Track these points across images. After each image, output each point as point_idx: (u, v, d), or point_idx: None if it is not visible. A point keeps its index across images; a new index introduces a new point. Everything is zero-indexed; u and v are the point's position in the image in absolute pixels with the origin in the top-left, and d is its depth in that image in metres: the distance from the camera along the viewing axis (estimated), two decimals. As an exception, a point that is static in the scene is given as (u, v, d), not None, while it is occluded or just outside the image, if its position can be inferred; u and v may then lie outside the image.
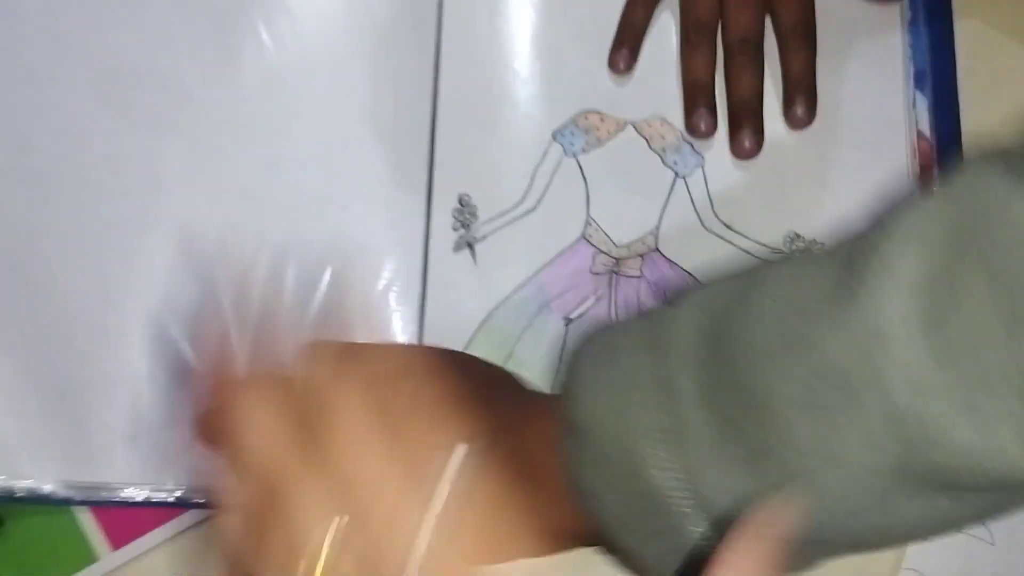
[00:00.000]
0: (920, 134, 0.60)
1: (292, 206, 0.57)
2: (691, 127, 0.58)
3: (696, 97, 0.58)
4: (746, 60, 0.58)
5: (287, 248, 0.56)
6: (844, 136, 0.59)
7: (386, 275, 0.57)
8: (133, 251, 0.56)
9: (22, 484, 0.54)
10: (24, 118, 0.57)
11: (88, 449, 0.54)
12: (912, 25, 0.61)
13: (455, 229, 0.57)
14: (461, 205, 0.58)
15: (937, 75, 0.61)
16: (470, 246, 0.57)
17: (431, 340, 0.56)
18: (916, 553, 0.55)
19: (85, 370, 0.55)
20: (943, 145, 0.60)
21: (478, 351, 0.56)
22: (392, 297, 0.57)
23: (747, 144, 0.57)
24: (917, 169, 0.59)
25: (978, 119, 0.60)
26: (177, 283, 0.55)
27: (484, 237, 0.57)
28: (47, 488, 0.54)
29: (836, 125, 0.59)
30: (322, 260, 0.56)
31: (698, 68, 0.58)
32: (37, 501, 0.54)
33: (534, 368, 0.56)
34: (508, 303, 0.57)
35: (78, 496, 0.54)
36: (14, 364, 0.55)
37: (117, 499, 0.54)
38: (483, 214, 0.57)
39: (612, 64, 0.59)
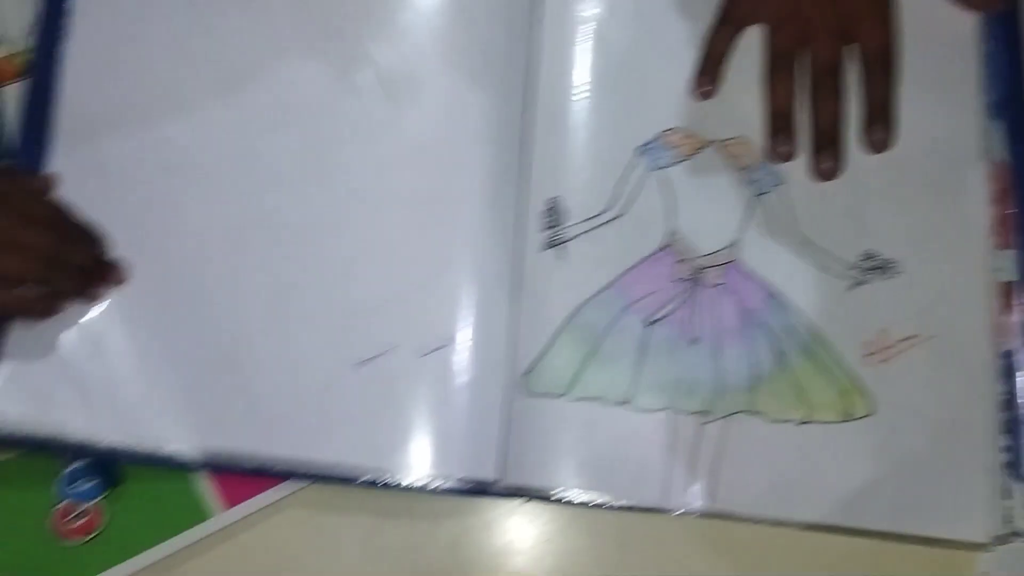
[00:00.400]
0: (997, 160, 0.62)
1: (394, 202, 0.62)
2: (772, 153, 0.60)
3: (777, 124, 0.60)
4: (830, 89, 0.60)
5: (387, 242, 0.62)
6: (920, 159, 0.62)
7: (480, 269, 0.61)
8: (261, 239, 0.62)
9: (148, 445, 0.59)
10: (162, 119, 0.63)
11: (211, 420, 0.60)
12: (988, 55, 0.63)
13: (545, 229, 0.62)
14: (550, 208, 0.62)
15: (1012, 104, 0.63)
16: (559, 246, 0.61)
17: (522, 328, 0.60)
18: (988, 559, 0.57)
19: (216, 349, 0.61)
20: (1020, 171, 0.62)
21: (565, 343, 0.60)
22: (485, 289, 0.61)
23: (824, 168, 0.59)
24: (992, 193, 0.62)
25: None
26: (298, 270, 0.61)
27: (572, 239, 0.61)
28: (172, 449, 0.59)
29: (913, 149, 0.61)
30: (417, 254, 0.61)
31: (780, 96, 0.60)
32: (161, 463, 0.59)
33: (616, 365, 0.60)
34: (594, 301, 0.61)
35: (200, 459, 0.59)
36: (151, 339, 0.61)
37: (234, 466, 0.59)
38: (572, 217, 0.62)
39: (695, 92, 0.62)
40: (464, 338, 0.60)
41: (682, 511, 0.58)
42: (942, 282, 0.61)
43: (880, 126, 0.60)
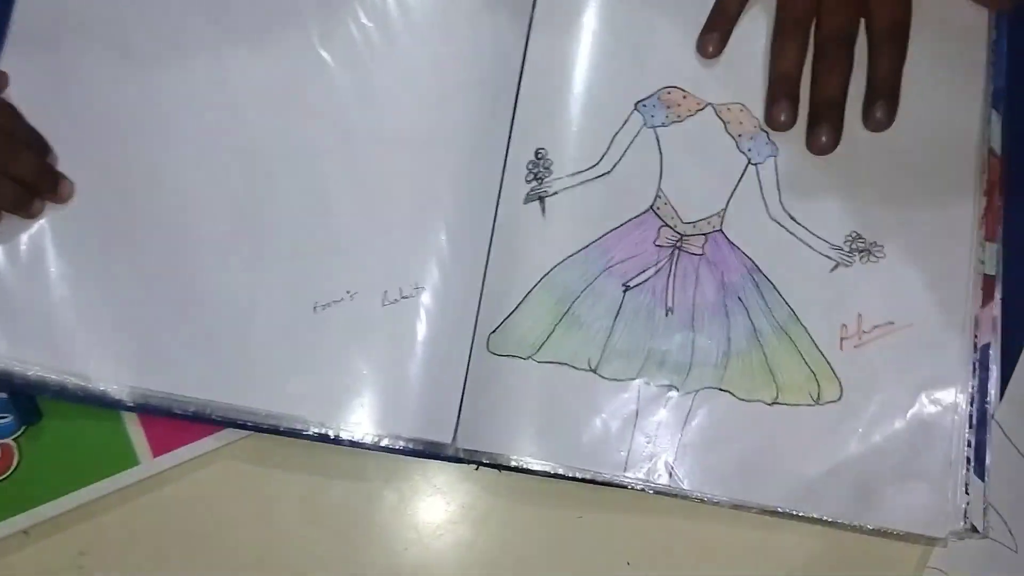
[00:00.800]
0: (992, 151, 0.61)
1: (374, 138, 0.58)
2: (771, 117, 0.59)
3: (781, 88, 0.58)
4: (837, 58, 0.58)
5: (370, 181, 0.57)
6: (917, 144, 0.60)
7: (458, 217, 0.57)
8: (223, 165, 0.57)
9: (74, 380, 0.54)
10: (127, 28, 0.58)
11: (149, 358, 0.55)
12: (996, 43, 0.62)
13: (528, 181, 0.58)
14: (537, 158, 0.58)
15: (1012, 95, 0.61)
16: (541, 200, 0.58)
17: (492, 283, 0.57)
18: (941, 554, 0.56)
19: (161, 280, 0.55)
20: (1013, 164, 0.61)
21: (537, 302, 0.57)
22: (461, 239, 0.57)
23: (824, 139, 0.58)
24: (985, 185, 0.60)
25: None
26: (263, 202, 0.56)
27: (555, 193, 0.58)
28: (101, 386, 0.54)
29: (911, 133, 0.59)
30: (393, 196, 0.57)
31: (788, 60, 0.58)
32: (87, 400, 0.54)
33: (588, 329, 0.57)
34: (571, 260, 0.57)
35: (130, 399, 0.54)
36: (89, 264, 0.55)
37: (168, 409, 0.55)
38: (557, 171, 0.58)
39: (701, 47, 0.59)
40: (432, 291, 0.56)
41: (641, 487, 0.56)
42: (924, 271, 0.59)
43: (883, 103, 0.58)
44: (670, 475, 0.56)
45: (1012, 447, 0.57)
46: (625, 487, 0.56)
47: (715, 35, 0.59)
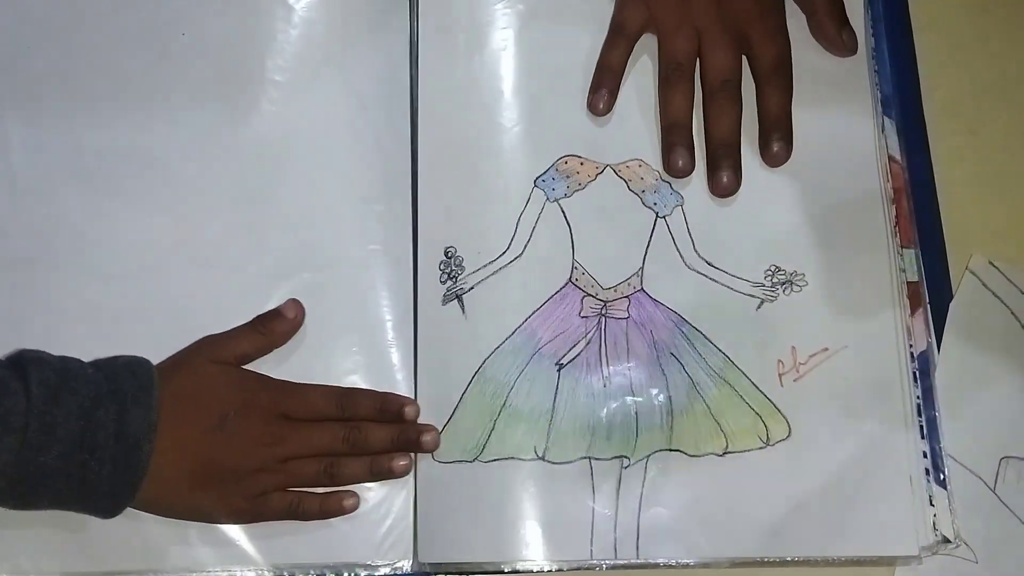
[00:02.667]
0: (891, 158, 0.61)
1: (281, 271, 0.57)
2: (669, 166, 0.58)
3: (674, 137, 0.58)
4: (725, 101, 0.58)
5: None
6: (819, 168, 0.60)
7: (379, 331, 0.56)
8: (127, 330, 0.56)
9: None
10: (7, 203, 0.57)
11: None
12: (876, 52, 0.62)
13: (443, 282, 0.57)
14: (447, 258, 0.57)
15: (903, 99, 0.62)
16: (458, 298, 0.57)
17: (426, 392, 0.56)
18: (906, 571, 0.56)
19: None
20: (914, 167, 0.61)
21: (473, 402, 0.56)
22: (384, 355, 0.56)
23: (726, 182, 0.58)
24: (891, 192, 0.60)
25: (945, 137, 0.62)
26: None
27: (472, 288, 0.57)
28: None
29: (810, 157, 0.60)
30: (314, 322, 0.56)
31: (677, 108, 0.58)
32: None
33: (529, 417, 0.56)
34: (500, 352, 0.57)
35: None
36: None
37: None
38: (469, 265, 0.57)
39: (591, 106, 0.59)
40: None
41: (611, 565, 0.55)
42: (849, 290, 0.59)
43: (778, 138, 0.58)
44: (636, 549, 0.55)
45: (954, 461, 0.58)
46: (594, 568, 0.55)
47: (603, 92, 0.59)
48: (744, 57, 0.59)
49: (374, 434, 0.53)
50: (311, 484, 0.53)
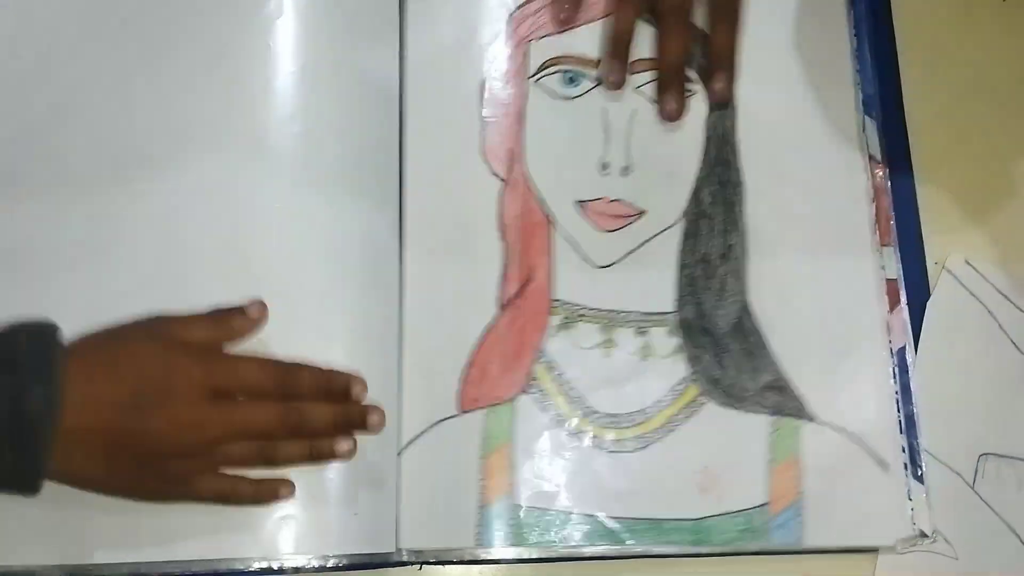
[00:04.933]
0: (872, 157, 0.61)
1: (266, 273, 0.55)
2: (604, 76, 0.59)
3: (614, 50, 0.58)
4: (675, 25, 0.58)
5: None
6: (800, 166, 0.60)
7: (364, 321, 0.56)
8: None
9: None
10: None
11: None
12: (858, 52, 0.63)
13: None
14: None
15: (884, 99, 0.62)
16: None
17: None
18: (886, 564, 0.56)
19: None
20: (894, 166, 0.62)
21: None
22: (370, 346, 0.56)
23: (672, 106, 0.58)
24: (872, 192, 0.61)
25: (925, 136, 0.62)
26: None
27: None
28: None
29: (793, 155, 0.60)
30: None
31: (621, 22, 0.58)
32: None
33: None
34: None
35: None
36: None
37: None
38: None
39: (608, 81, 0.59)
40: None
41: (600, 555, 0.55)
42: (831, 286, 0.59)
43: (722, 74, 0.58)
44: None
45: (932, 458, 0.58)
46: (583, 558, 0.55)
47: (617, 64, 0.59)
48: None
49: (314, 413, 0.49)
50: (244, 467, 0.50)
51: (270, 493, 0.51)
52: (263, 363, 0.50)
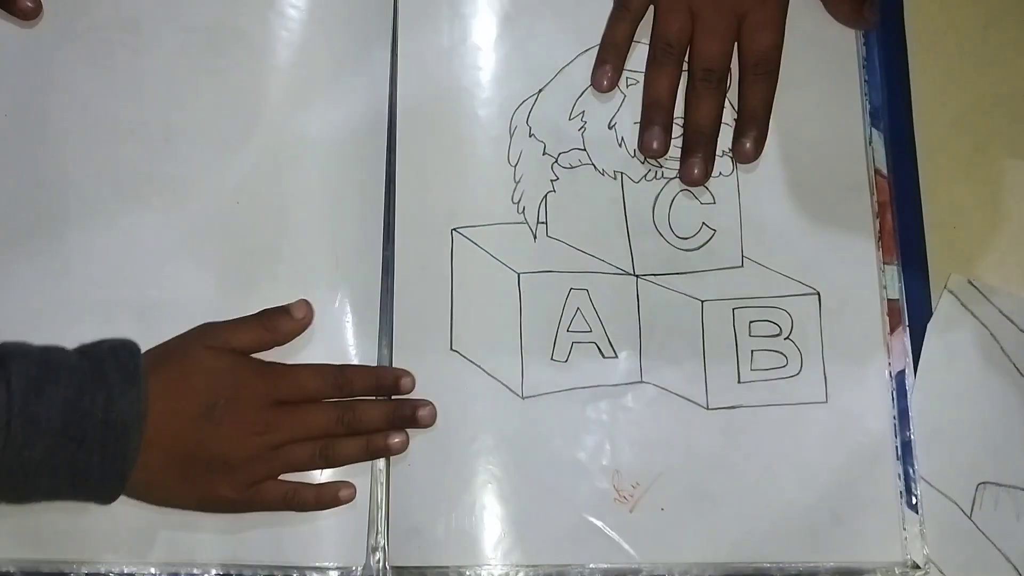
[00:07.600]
0: (878, 171, 0.59)
1: (270, 271, 0.56)
2: (643, 144, 0.58)
3: (652, 115, 0.57)
4: (708, 89, 0.57)
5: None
6: (807, 174, 0.59)
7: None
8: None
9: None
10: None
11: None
12: (867, 62, 0.61)
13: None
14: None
15: (892, 111, 0.60)
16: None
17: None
18: None
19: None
20: (900, 181, 0.60)
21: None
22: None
23: (696, 172, 0.57)
24: (876, 207, 0.59)
25: (934, 152, 0.60)
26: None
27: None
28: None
29: (799, 163, 0.59)
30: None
31: (660, 87, 0.58)
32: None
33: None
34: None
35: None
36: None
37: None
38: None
39: (596, 83, 0.58)
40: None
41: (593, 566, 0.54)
42: (834, 301, 0.58)
43: (752, 135, 0.57)
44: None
45: (929, 486, 0.56)
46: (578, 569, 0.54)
47: (607, 68, 0.58)
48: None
49: (368, 412, 0.53)
50: (307, 468, 0.52)
51: (331, 496, 0.52)
52: (318, 369, 0.53)
